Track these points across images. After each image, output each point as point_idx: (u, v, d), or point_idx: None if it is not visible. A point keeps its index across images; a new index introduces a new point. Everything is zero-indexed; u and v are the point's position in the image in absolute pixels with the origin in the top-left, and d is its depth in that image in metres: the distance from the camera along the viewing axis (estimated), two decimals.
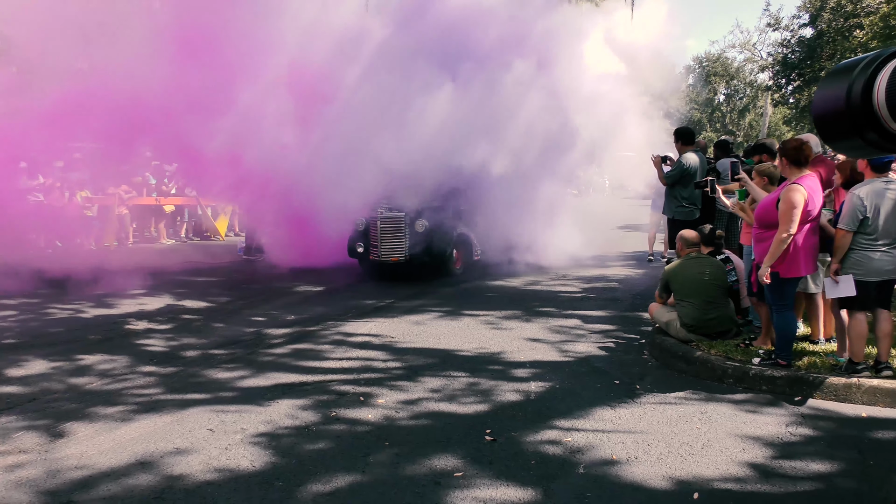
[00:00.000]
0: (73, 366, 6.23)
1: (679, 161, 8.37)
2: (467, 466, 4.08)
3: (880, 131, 0.89)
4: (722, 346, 6.10)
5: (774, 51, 35.66)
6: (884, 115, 0.87)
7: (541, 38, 12.13)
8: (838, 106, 0.92)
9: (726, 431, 4.61)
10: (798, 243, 5.35)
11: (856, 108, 0.89)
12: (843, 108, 0.91)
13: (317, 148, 10.56)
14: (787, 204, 5.29)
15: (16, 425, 4.76)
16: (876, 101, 0.88)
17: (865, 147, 0.91)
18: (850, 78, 0.91)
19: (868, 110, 0.88)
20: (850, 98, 0.90)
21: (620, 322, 7.89)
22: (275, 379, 5.80)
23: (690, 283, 6.39)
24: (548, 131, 11.55)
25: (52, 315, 8.42)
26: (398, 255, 10.70)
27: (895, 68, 0.87)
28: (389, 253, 10.72)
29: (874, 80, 0.88)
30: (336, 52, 10.97)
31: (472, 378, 5.80)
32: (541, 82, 11.55)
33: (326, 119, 10.66)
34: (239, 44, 10.42)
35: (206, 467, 4.09)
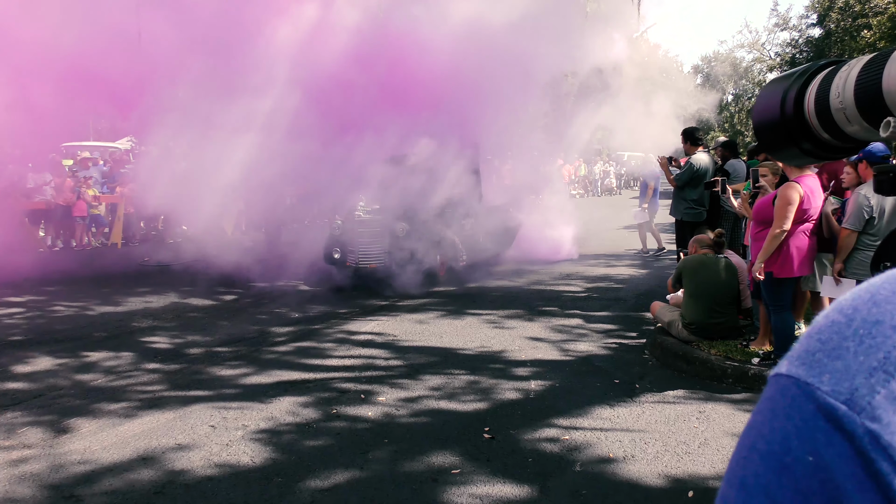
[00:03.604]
0: (78, 362, 6.30)
1: (689, 162, 8.36)
2: (465, 464, 4.12)
3: (814, 141, 0.92)
4: (722, 347, 6.11)
5: (783, 51, 35.58)
6: (814, 125, 0.90)
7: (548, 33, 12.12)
8: (774, 116, 0.95)
9: (724, 431, 4.63)
10: (793, 243, 5.37)
11: (789, 117, 0.92)
12: (779, 117, 0.94)
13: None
14: (782, 200, 5.33)
15: (21, 421, 4.83)
16: (807, 110, 0.91)
17: (802, 156, 0.94)
18: (784, 88, 0.94)
19: (800, 120, 0.91)
20: (784, 108, 0.93)
21: (623, 322, 7.91)
22: (277, 376, 5.86)
23: (702, 283, 6.35)
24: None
25: (59, 312, 8.50)
26: (376, 260, 9.99)
27: (823, 77, 0.90)
28: (367, 259, 10.02)
29: (805, 91, 0.91)
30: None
31: (473, 376, 5.84)
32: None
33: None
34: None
35: (207, 463, 4.14)
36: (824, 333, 0.48)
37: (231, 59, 10.88)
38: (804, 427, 0.44)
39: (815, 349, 0.47)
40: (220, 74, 10.96)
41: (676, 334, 6.41)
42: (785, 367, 0.49)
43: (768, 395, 0.49)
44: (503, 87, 12.64)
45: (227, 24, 10.86)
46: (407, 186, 10.27)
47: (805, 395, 0.45)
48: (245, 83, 10.93)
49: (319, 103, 11.37)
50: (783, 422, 0.46)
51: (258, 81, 10.86)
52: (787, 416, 0.46)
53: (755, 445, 0.47)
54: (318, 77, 11.17)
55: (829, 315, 0.49)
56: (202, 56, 10.77)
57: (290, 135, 10.77)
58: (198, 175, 11.11)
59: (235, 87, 10.96)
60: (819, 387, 0.45)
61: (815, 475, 0.43)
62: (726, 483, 0.50)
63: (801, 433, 0.44)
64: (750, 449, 0.48)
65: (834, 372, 0.45)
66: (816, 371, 0.46)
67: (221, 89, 10.98)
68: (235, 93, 10.88)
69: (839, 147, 0.93)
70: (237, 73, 10.90)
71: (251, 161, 10.98)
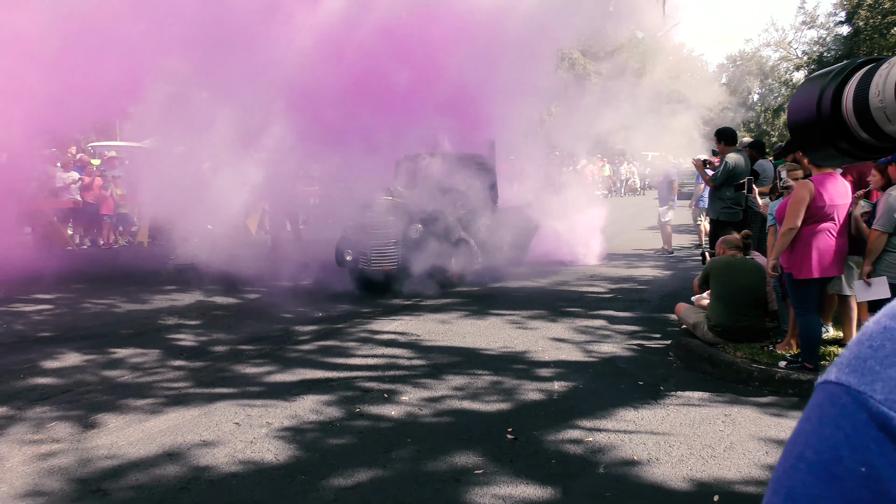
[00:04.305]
0: (105, 359, 6.38)
1: (724, 162, 8.26)
2: (487, 464, 4.11)
3: (851, 140, 0.90)
4: (747, 349, 6.04)
5: (810, 49, 35.11)
6: (852, 124, 0.88)
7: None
8: (810, 115, 0.93)
9: (750, 434, 4.58)
10: (815, 244, 5.29)
11: (826, 117, 0.90)
12: (815, 117, 0.92)
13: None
14: (793, 198, 5.29)
15: (50, 415, 4.90)
16: (844, 109, 0.89)
17: (839, 156, 0.92)
18: (821, 87, 0.92)
19: (838, 119, 0.89)
20: (821, 107, 0.91)
21: (647, 323, 7.85)
22: (301, 375, 5.89)
23: (730, 285, 6.27)
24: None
25: (87, 309, 8.63)
26: (390, 263, 9.69)
27: (862, 76, 0.88)
28: (380, 261, 9.71)
29: (843, 89, 0.89)
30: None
31: (496, 377, 5.83)
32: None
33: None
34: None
35: (232, 460, 4.18)
36: (876, 340, 0.46)
37: (252, 55, 10.94)
38: (855, 436, 0.43)
39: (867, 356, 0.46)
40: (242, 72, 11.04)
41: (701, 336, 6.35)
42: (834, 374, 0.47)
43: (816, 403, 0.48)
44: (520, 83, 12.62)
45: (246, 21, 10.91)
46: (421, 186, 10.26)
47: (856, 403, 0.44)
48: (268, 81, 11.01)
49: (341, 102, 11.41)
50: (833, 431, 0.45)
51: (281, 80, 10.94)
52: (836, 425, 0.45)
53: (803, 454, 0.46)
54: (341, 75, 11.21)
55: (880, 321, 0.47)
56: (223, 53, 10.85)
57: (311, 135, 10.85)
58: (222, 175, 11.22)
59: (258, 84, 11.04)
60: (872, 395, 0.44)
61: (866, 486, 0.42)
62: (772, 492, 0.49)
63: (852, 443, 0.43)
64: (798, 458, 0.47)
65: (888, 380, 0.44)
66: (868, 379, 0.45)
67: (244, 87, 11.07)
68: (257, 91, 10.95)
69: (877, 147, 0.91)
70: (260, 71, 10.97)
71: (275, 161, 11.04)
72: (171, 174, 11.07)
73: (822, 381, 0.48)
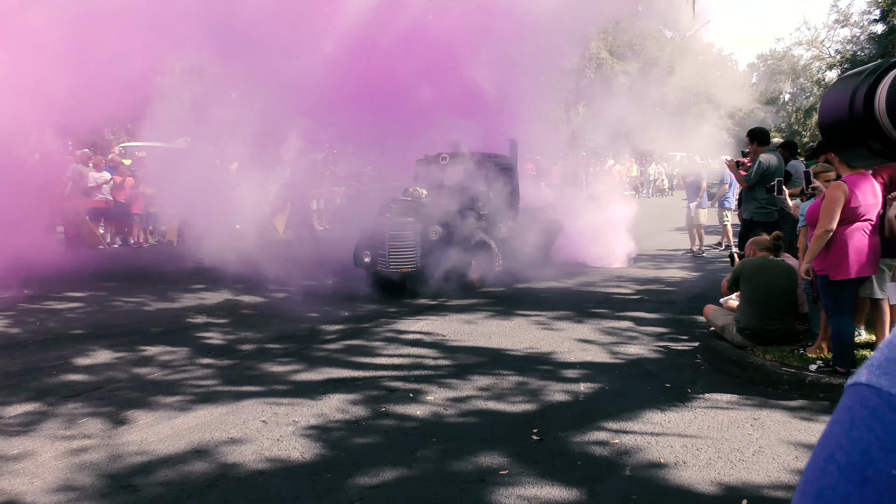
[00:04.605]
0: (135, 356, 6.48)
1: (758, 162, 8.15)
2: (513, 465, 4.10)
3: (884, 140, 0.88)
4: (777, 352, 5.96)
5: (843, 48, 34.54)
6: (885, 125, 0.87)
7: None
8: (842, 115, 0.91)
9: (779, 438, 4.52)
10: (851, 244, 5.20)
11: (858, 117, 0.89)
12: (847, 117, 0.90)
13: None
14: (827, 200, 5.20)
15: (81, 411, 4.99)
16: (877, 109, 0.87)
17: (872, 156, 0.91)
18: (853, 86, 0.90)
19: (870, 119, 0.88)
20: (853, 107, 0.89)
21: (674, 325, 7.78)
22: (327, 374, 5.93)
23: (760, 288, 6.16)
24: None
25: (118, 308, 8.76)
26: (409, 265, 9.49)
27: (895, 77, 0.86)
28: (399, 263, 9.49)
29: (876, 88, 0.88)
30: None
31: (521, 377, 5.82)
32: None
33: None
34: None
35: (259, 457, 4.21)
36: None
37: (277, 56, 11.02)
38: (887, 439, 0.43)
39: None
40: (267, 73, 11.14)
41: (730, 339, 6.28)
42: (864, 376, 0.47)
43: (847, 405, 0.47)
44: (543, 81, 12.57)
45: (272, 22, 10.99)
46: (441, 187, 10.18)
47: (888, 405, 0.44)
48: (297, 82, 11.10)
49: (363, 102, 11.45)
50: (864, 433, 0.44)
51: (309, 80, 11.01)
52: (868, 427, 0.44)
53: (833, 456, 0.46)
54: (362, 74, 11.24)
55: None
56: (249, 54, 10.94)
57: (336, 135, 10.91)
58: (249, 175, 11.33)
59: (284, 85, 11.13)
60: None
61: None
62: (801, 494, 0.48)
63: (883, 445, 0.43)
64: (827, 460, 0.46)
65: None
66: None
67: (270, 88, 11.16)
68: (283, 91, 11.03)
69: None
70: (285, 72, 11.05)
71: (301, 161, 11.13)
72: (200, 174, 11.20)
73: (852, 383, 0.48)
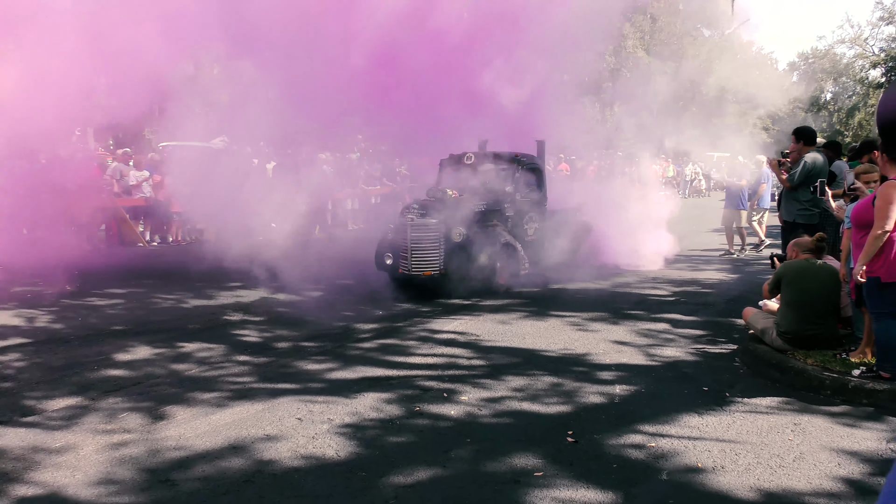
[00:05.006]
0: (174, 352, 6.58)
1: (803, 161, 7.97)
2: (547, 466, 4.07)
3: None
4: (819, 356, 5.83)
5: (888, 45, 33.71)
6: None
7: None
8: None
9: (821, 444, 4.42)
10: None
11: None
12: None
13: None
14: (882, 200, 5.04)
15: (121, 406, 5.07)
16: None
17: None
18: None
19: None
20: None
21: (712, 327, 7.66)
22: (361, 372, 5.95)
23: (803, 291, 6.01)
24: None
25: (156, 304, 8.91)
26: (431, 268, 9.24)
27: None
28: (421, 266, 9.25)
29: None
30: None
31: (556, 379, 5.78)
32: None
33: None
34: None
35: (294, 454, 4.25)
36: None
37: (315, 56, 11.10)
38: None
39: None
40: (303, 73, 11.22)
41: (770, 342, 6.16)
42: None
43: None
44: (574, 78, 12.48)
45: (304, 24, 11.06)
46: (465, 187, 10.03)
47: None
48: (334, 82, 11.17)
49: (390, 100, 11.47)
50: None
51: (344, 79, 11.07)
52: None
53: None
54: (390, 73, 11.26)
55: None
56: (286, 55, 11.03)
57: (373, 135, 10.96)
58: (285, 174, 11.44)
59: (322, 84, 11.21)
60: None
61: None
62: None
63: None
64: None
65: None
66: None
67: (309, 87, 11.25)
68: (322, 91, 11.11)
69: None
70: (325, 72, 11.13)
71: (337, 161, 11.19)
72: (236, 173, 11.34)
73: None
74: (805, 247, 6.33)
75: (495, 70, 11.28)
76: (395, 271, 9.49)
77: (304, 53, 11.11)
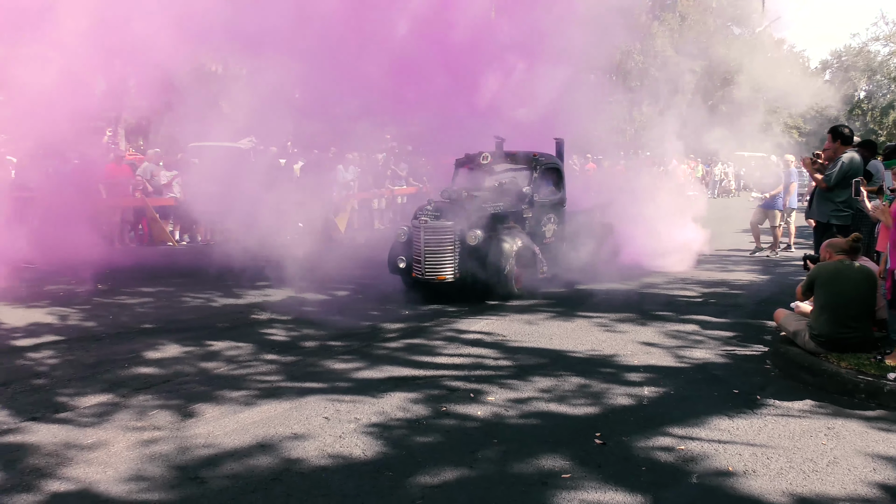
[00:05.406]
0: (203, 351, 6.64)
1: (840, 161, 7.81)
2: (575, 468, 4.04)
3: None
4: (853, 359, 5.71)
5: None
6: None
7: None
8: None
9: (855, 449, 4.33)
10: None
11: None
12: None
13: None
14: None
15: (152, 404, 5.13)
16: None
17: None
18: None
19: None
20: None
21: (742, 329, 7.56)
22: (388, 372, 5.96)
23: (837, 294, 5.87)
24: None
25: (185, 303, 9.00)
26: (446, 273, 8.95)
27: None
28: (435, 270, 8.96)
29: None
30: None
31: (584, 380, 5.74)
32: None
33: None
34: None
35: (321, 453, 4.26)
36: None
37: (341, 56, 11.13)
38: None
39: None
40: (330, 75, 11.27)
41: (802, 345, 6.05)
42: None
43: None
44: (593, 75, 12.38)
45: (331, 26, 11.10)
46: (482, 188, 9.84)
47: None
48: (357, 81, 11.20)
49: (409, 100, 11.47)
50: None
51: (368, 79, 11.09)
52: None
53: None
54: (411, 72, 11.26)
55: None
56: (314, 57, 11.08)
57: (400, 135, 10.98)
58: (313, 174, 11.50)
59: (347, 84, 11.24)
60: None
61: None
62: None
63: None
64: None
65: None
66: None
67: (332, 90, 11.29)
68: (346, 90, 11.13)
69: None
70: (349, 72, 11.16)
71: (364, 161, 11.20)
72: (264, 173, 11.41)
73: None
74: (839, 248, 6.19)
75: (518, 70, 11.25)
76: (409, 275, 9.26)
77: (328, 53, 11.16)
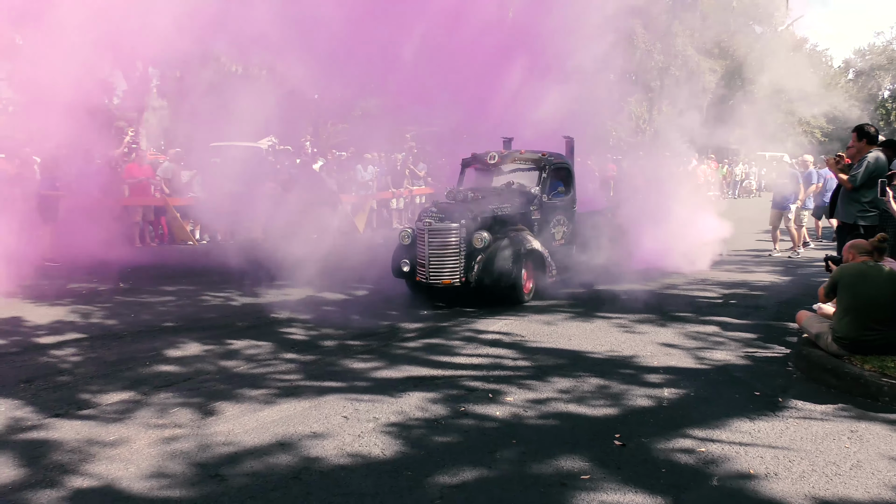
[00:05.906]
0: (223, 349, 6.69)
1: (865, 161, 7.71)
2: (594, 470, 4.02)
3: None
4: (877, 362, 5.63)
5: None
6: None
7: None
8: None
9: (879, 453, 4.28)
10: None
11: None
12: None
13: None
14: None
15: (173, 401, 5.18)
16: None
17: None
18: None
19: None
20: None
21: (763, 331, 7.48)
22: (407, 372, 5.96)
23: (860, 296, 5.78)
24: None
25: (206, 302, 9.07)
26: (451, 277, 8.70)
27: None
28: (440, 274, 8.71)
29: None
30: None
31: (603, 381, 5.71)
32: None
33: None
34: None
35: (340, 452, 4.27)
36: None
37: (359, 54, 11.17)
38: None
39: None
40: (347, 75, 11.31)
41: (825, 347, 5.97)
42: None
43: None
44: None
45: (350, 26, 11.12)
46: (489, 189, 9.69)
47: None
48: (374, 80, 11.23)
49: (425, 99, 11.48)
50: None
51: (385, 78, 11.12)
52: None
53: None
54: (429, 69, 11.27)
55: None
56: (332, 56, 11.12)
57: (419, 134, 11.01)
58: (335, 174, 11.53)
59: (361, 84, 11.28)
60: None
61: None
62: None
63: None
64: None
65: None
66: None
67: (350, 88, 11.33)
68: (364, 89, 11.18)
69: None
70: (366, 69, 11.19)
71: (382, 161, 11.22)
72: (284, 172, 11.47)
73: None
74: (862, 249, 6.10)
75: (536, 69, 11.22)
76: (413, 279, 9.03)
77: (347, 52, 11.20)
